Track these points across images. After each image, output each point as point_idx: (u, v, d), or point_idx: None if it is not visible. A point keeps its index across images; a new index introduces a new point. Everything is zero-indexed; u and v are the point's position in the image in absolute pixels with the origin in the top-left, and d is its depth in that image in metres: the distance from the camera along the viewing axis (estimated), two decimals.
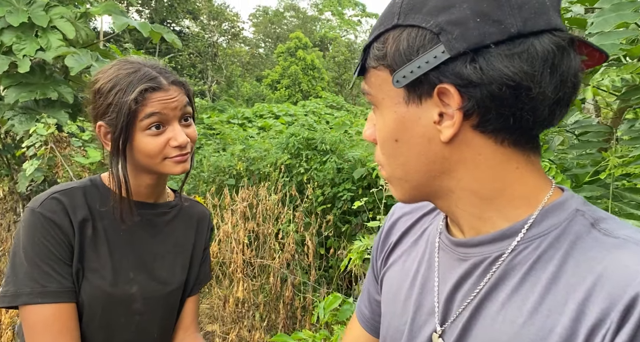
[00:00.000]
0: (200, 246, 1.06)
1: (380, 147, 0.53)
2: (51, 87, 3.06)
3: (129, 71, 0.87)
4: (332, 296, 1.56)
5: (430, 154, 0.48)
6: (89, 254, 0.88)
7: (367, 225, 2.12)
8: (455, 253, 0.54)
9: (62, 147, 2.82)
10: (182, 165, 0.89)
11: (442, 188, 0.51)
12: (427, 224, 0.65)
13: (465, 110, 0.44)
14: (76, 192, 0.89)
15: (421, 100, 0.47)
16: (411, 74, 0.45)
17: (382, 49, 0.48)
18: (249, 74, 28.63)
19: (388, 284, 0.66)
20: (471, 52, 0.42)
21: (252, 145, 4.21)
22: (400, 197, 0.55)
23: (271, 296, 2.71)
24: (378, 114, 0.52)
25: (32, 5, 3.12)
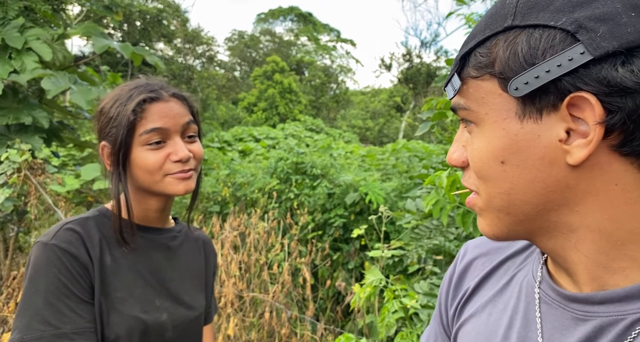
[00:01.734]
0: (210, 270, 1.03)
1: (477, 171, 0.44)
2: (25, 111, 2.88)
3: (131, 87, 0.86)
4: (343, 337, 1.44)
5: (550, 181, 0.40)
6: (113, 284, 0.82)
7: (369, 255, 2.02)
8: (568, 310, 0.44)
9: (37, 174, 2.61)
10: (184, 184, 0.83)
11: (558, 225, 0.42)
12: (515, 270, 0.55)
13: (608, 126, 0.36)
14: (89, 221, 0.85)
15: (542, 114, 0.39)
16: (536, 80, 0.37)
17: (488, 55, 0.40)
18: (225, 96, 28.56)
19: (468, 341, 0.55)
20: (624, 53, 0.35)
21: (237, 169, 4.07)
22: (494, 232, 0.46)
23: (263, 332, 2.53)
24: (476, 133, 0.43)
25: (6, 26, 2.96)
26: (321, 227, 3.36)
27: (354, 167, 4.22)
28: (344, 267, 3.20)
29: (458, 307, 0.59)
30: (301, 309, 2.64)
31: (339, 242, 3.38)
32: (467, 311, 0.57)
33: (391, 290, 1.57)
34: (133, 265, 0.86)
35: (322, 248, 3.01)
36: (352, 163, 4.68)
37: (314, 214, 3.34)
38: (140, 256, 0.88)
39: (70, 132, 3.48)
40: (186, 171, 0.83)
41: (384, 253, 2.05)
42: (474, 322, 0.55)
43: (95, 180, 3.01)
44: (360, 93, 37.21)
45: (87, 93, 3.07)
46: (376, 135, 25.16)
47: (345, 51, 39.86)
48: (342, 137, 13.97)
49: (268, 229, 2.81)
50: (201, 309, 0.95)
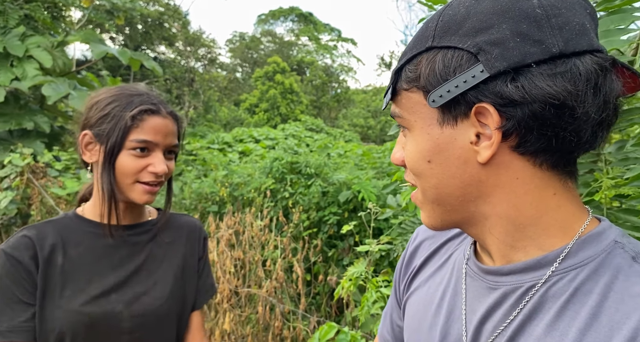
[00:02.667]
0: (192, 256, 1.05)
1: (411, 169, 0.52)
2: (26, 116, 2.98)
3: (132, 93, 0.92)
4: (326, 325, 1.52)
5: (466, 177, 0.48)
6: (61, 283, 0.88)
7: (357, 249, 2.10)
8: (484, 281, 0.53)
9: (39, 177, 2.71)
10: (147, 196, 0.91)
11: (476, 214, 0.50)
12: (453, 249, 0.64)
13: (505, 130, 0.44)
14: (47, 225, 0.92)
15: (457, 121, 0.46)
16: (448, 93, 0.45)
17: (414, 71, 0.48)
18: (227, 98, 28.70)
19: (411, 310, 0.64)
20: (512, 71, 0.42)
21: (234, 170, 4.16)
22: (432, 223, 0.54)
23: (259, 327, 2.62)
24: (409, 137, 0.51)
25: (8, 35, 3.06)
26: (316, 224, 3.44)
27: (350, 166, 4.30)
28: (338, 264, 3.28)
29: (407, 282, 0.68)
30: (295, 304, 2.73)
31: (334, 239, 3.46)
32: (414, 285, 0.67)
33: (374, 281, 1.65)
34: (89, 263, 0.91)
35: (316, 245, 3.09)
36: (347, 162, 4.76)
37: (309, 212, 3.42)
38: (102, 254, 0.93)
39: (72, 137, 3.59)
40: (156, 183, 0.91)
41: (372, 248, 2.13)
42: (418, 294, 0.64)
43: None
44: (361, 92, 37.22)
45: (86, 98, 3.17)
46: (378, 134, 25.22)
47: (346, 50, 39.90)
48: (342, 136, 14.05)
49: (262, 227, 2.89)
50: (170, 298, 0.97)
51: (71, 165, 5.12)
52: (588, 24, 0.44)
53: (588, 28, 0.44)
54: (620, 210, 0.95)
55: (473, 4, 0.45)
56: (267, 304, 2.50)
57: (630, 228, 0.90)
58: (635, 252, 0.45)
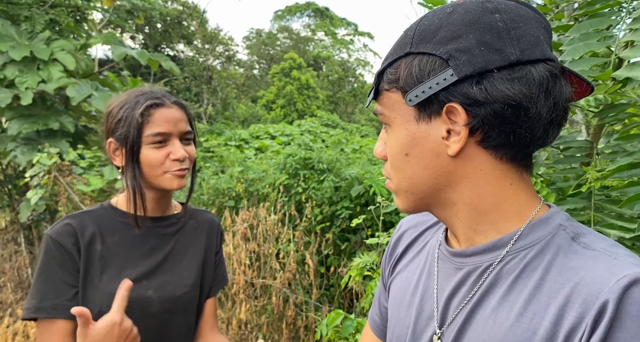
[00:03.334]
0: (211, 250, 1.14)
1: (390, 162, 0.59)
2: (52, 117, 3.14)
3: (137, 93, 1.01)
4: (334, 313, 1.60)
5: (437, 168, 0.54)
6: (99, 268, 0.97)
7: (367, 242, 2.17)
8: (452, 263, 0.60)
9: (65, 175, 2.87)
10: (178, 181, 0.99)
11: (445, 200, 0.56)
12: (430, 237, 0.71)
13: (471, 127, 0.50)
14: (86, 215, 1.01)
15: (431, 118, 0.53)
16: (423, 93, 0.51)
17: (394, 73, 0.55)
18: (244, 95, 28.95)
19: (394, 292, 0.71)
20: (477, 76, 0.49)
21: (250, 166, 4.27)
22: (405, 208, 0.60)
23: (274, 316, 2.72)
24: (390, 132, 0.58)
25: (34, 40, 3.22)
26: (329, 218, 3.52)
27: (363, 161, 4.36)
28: (351, 257, 3.35)
29: (391, 267, 0.76)
30: (308, 294, 2.82)
31: (347, 233, 3.54)
32: (397, 269, 0.74)
33: (379, 271, 1.72)
34: (124, 251, 1.00)
35: (328, 238, 3.17)
36: (361, 157, 4.82)
37: (322, 207, 3.50)
38: (134, 243, 1.01)
39: (95, 136, 3.75)
40: (182, 169, 0.99)
41: (380, 240, 2.20)
42: (400, 277, 0.72)
43: (118, 179, 3.26)
44: None
45: (108, 99, 3.30)
46: None
47: (363, 44, 39.60)
48: (358, 131, 14.05)
49: (276, 221, 2.99)
50: (192, 286, 1.06)
51: (95, 163, 5.32)
52: (542, 36, 0.51)
53: (542, 40, 0.51)
54: (606, 200, 0.99)
55: (446, 16, 0.52)
56: (281, 294, 2.60)
57: (615, 217, 0.95)
58: (575, 233, 0.52)
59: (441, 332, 0.58)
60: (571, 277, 0.47)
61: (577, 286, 0.46)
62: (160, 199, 1.06)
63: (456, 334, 0.55)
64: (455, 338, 0.55)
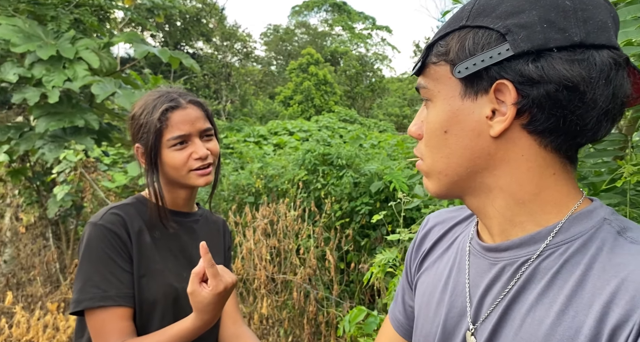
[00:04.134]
0: (226, 246, 1.21)
1: (427, 139, 0.56)
2: (78, 115, 3.21)
3: (155, 97, 1.03)
4: (356, 309, 1.59)
5: (477, 149, 0.52)
6: (151, 258, 0.99)
7: (387, 238, 2.15)
8: (485, 258, 0.57)
9: (90, 172, 2.93)
10: (204, 178, 1.02)
11: (481, 185, 0.54)
12: (459, 232, 0.69)
13: (519, 107, 0.48)
14: (129, 207, 1.02)
15: (477, 95, 0.50)
16: (474, 66, 0.49)
17: (445, 46, 0.53)
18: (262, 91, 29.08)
19: (421, 289, 0.70)
20: (534, 53, 0.46)
21: (269, 162, 4.29)
22: (436, 191, 0.58)
23: (295, 312, 2.73)
24: (431, 107, 0.56)
25: (60, 39, 3.30)
26: (348, 214, 3.50)
27: (382, 157, 4.32)
28: (371, 253, 3.34)
29: (418, 263, 0.74)
30: (329, 290, 2.82)
31: (367, 229, 3.52)
32: (424, 266, 0.72)
33: (402, 268, 1.70)
34: (166, 244, 1.04)
35: (348, 234, 3.16)
36: (380, 152, 4.78)
37: (341, 203, 3.49)
38: (172, 237, 1.05)
39: (118, 133, 3.82)
40: (206, 166, 1.02)
41: (402, 236, 2.18)
42: (427, 274, 0.70)
43: (141, 175, 3.32)
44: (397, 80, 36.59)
45: (131, 96, 3.37)
46: None
47: (381, 38, 39.26)
48: (376, 126, 13.95)
49: (296, 216, 3.00)
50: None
51: (118, 160, 5.44)
52: (610, 23, 0.48)
53: (609, 26, 0.48)
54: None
55: None
56: (302, 290, 2.60)
57: None
58: (621, 227, 0.49)
59: (475, 327, 0.56)
60: (617, 273, 0.45)
61: (624, 282, 0.44)
62: (189, 196, 1.09)
63: (492, 330, 0.53)
64: (490, 335, 0.54)
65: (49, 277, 3.68)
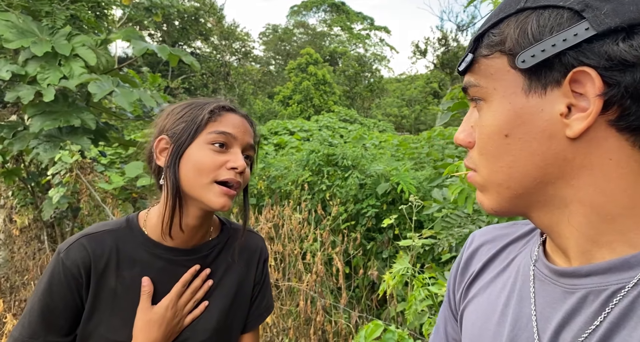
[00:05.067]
0: (247, 282, 0.96)
1: (482, 146, 0.47)
2: (74, 114, 3.09)
3: (207, 100, 0.89)
4: (372, 323, 1.48)
5: (549, 154, 0.42)
6: (109, 308, 0.81)
7: (399, 244, 2.04)
8: (558, 284, 0.47)
9: (86, 173, 2.82)
10: (224, 199, 0.80)
11: (554, 198, 0.44)
12: (515, 253, 0.58)
13: (607, 99, 0.38)
14: (107, 237, 0.84)
15: (546, 89, 0.41)
16: (542, 53, 0.40)
17: (500, 34, 0.43)
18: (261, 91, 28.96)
19: (470, 320, 0.59)
20: (624, 30, 0.37)
21: (271, 163, 4.18)
22: (494, 207, 0.48)
23: (300, 320, 2.62)
24: (485, 109, 0.46)
25: (55, 35, 3.18)
26: (354, 217, 3.40)
27: (387, 157, 4.21)
28: (377, 257, 3.23)
29: (463, 289, 0.63)
30: (336, 298, 2.71)
31: (372, 232, 3.41)
32: (471, 292, 0.61)
33: (420, 278, 1.60)
34: (140, 289, 0.83)
35: (355, 238, 3.05)
36: (384, 153, 4.67)
37: (346, 205, 3.39)
38: (155, 280, 0.84)
39: (116, 132, 3.70)
40: (234, 184, 0.81)
41: (414, 242, 2.07)
42: (477, 302, 0.58)
43: (139, 177, 3.20)
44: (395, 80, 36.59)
45: (129, 95, 3.25)
46: (412, 123, 24.71)
47: (380, 39, 39.24)
48: (376, 126, 13.85)
49: (301, 220, 2.88)
50: (217, 331, 0.89)
51: (115, 160, 5.32)
52: None
53: None
54: None
55: None
56: (308, 297, 2.49)
57: None
58: None
59: None
60: None
61: None
62: (199, 226, 0.87)
63: None
64: None
65: None
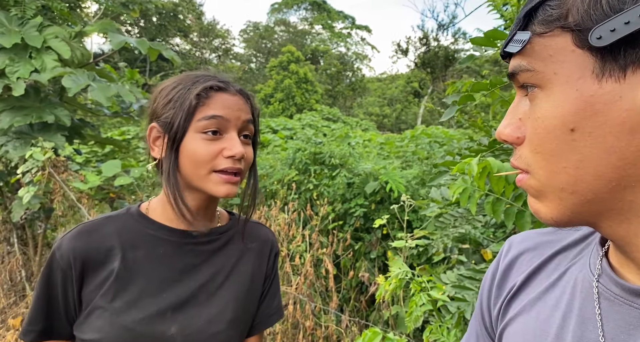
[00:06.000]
0: (259, 276, 0.91)
1: (538, 143, 0.39)
2: (47, 109, 2.91)
3: (197, 74, 0.82)
4: (370, 331, 1.40)
5: (629, 152, 0.35)
6: (112, 291, 0.77)
7: (393, 245, 1.97)
8: (635, 306, 0.40)
9: (60, 171, 2.65)
10: (227, 187, 0.77)
11: (633, 205, 0.37)
12: (568, 263, 0.50)
13: None
14: (108, 224, 0.81)
15: (626, 71, 0.34)
16: (625, 26, 0.32)
17: (560, 6, 0.36)
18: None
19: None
20: None
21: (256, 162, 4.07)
22: (554, 216, 0.40)
23: (288, 324, 2.53)
24: (542, 97, 0.38)
25: (25, 26, 2.99)
26: (342, 217, 3.32)
27: (373, 156, 4.15)
28: (366, 257, 3.17)
29: (502, 305, 0.55)
30: (325, 301, 2.63)
31: (361, 232, 3.35)
32: (513, 309, 0.53)
33: (417, 282, 1.53)
34: (148, 272, 0.79)
35: (344, 238, 2.98)
36: (370, 151, 4.61)
37: (334, 204, 3.31)
38: (162, 262, 0.80)
39: (92, 130, 3.52)
40: (235, 171, 0.77)
41: (407, 243, 2.01)
42: (522, 321, 0.50)
43: (117, 176, 3.05)
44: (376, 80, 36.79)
45: (107, 90, 3.08)
46: (394, 122, 24.86)
47: (361, 38, 39.35)
48: (359, 125, 13.84)
49: (289, 220, 2.79)
50: (226, 323, 0.83)
51: (91, 158, 5.10)
52: None
53: None
54: None
55: None
56: (297, 301, 2.40)
57: None
58: None
59: None
60: None
61: None
62: (205, 208, 0.84)
63: None
64: None
65: (14, 286, 3.38)
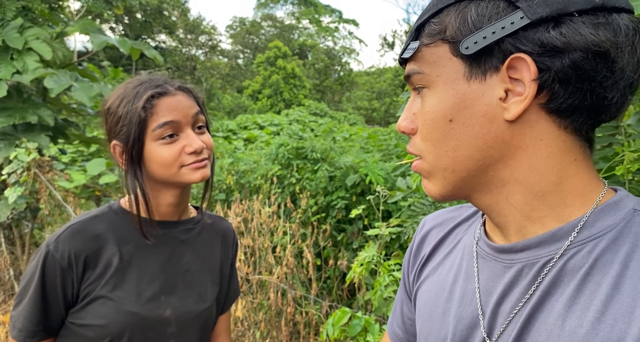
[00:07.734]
0: (226, 261, 1.02)
1: (426, 133, 0.49)
2: (30, 110, 2.95)
3: (135, 84, 0.86)
4: (340, 311, 1.51)
5: (490, 137, 0.45)
6: (113, 282, 0.84)
7: (367, 233, 2.08)
8: (498, 260, 0.50)
9: (45, 171, 2.71)
10: (200, 172, 0.85)
11: (493, 180, 0.47)
12: (462, 234, 0.62)
13: (540, 83, 0.42)
14: (98, 221, 0.87)
15: (485, 75, 0.44)
16: (484, 40, 0.43)
17: (440, 23, 0.46)
18: (229, 85, 28.50)
19: (423, 300, 0.62)
20: (553, 19, 0.41)
21: (240, 158, 4.14)
22: (441, 192, 0.50)
23: (271, 313, 2.63)
24: (428, 96, 0.48)
25: (6, 28, 3.02)
26: (324, 209, 3.42)
27: (356, 149, 4.26)
28: (347, 248, 3.27)
29: (416, 272, 0.66)
30: (307, 289, 2.73)
31: (343, 223, 3.45)
32: (423, 274, 0.64)
33: (385, 265, 1.63)
34: (140, 262, 0.87)
35: (325, 230, 3.08)
36: (353, 145, 4.72)
37: (316, 197, 3.41)
38: (149, 252, 0.88)
39: (76, 129, 3.57)
40: (200, 160, 0.85)
41: (382, 231, 2.11)
42: (428, 282, 0.62)
43: (102, 174, 3.10)
44: (365, 74, 36.81)
45: (89, 90, 3.13)
46: (383, 116, 25.01)
47: (348, 32, 39.31)
48: (347, 119, 13.94)
49: (270, 213, 2.88)
50: (210, 302, 0.94)
51: (77, 158, 5.13)
52: None
53: None
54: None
55: None
56: (279, 290, 2.50)
57: None
58: None
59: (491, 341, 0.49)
60: None
61: None
62: (179, 201, 0.92)
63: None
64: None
65: (2, 285, 3.43)
